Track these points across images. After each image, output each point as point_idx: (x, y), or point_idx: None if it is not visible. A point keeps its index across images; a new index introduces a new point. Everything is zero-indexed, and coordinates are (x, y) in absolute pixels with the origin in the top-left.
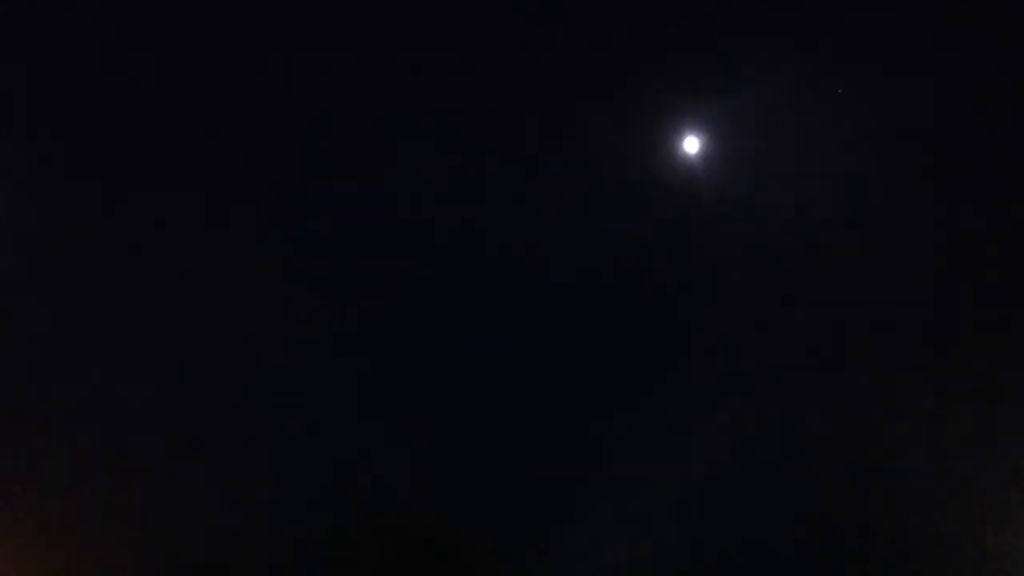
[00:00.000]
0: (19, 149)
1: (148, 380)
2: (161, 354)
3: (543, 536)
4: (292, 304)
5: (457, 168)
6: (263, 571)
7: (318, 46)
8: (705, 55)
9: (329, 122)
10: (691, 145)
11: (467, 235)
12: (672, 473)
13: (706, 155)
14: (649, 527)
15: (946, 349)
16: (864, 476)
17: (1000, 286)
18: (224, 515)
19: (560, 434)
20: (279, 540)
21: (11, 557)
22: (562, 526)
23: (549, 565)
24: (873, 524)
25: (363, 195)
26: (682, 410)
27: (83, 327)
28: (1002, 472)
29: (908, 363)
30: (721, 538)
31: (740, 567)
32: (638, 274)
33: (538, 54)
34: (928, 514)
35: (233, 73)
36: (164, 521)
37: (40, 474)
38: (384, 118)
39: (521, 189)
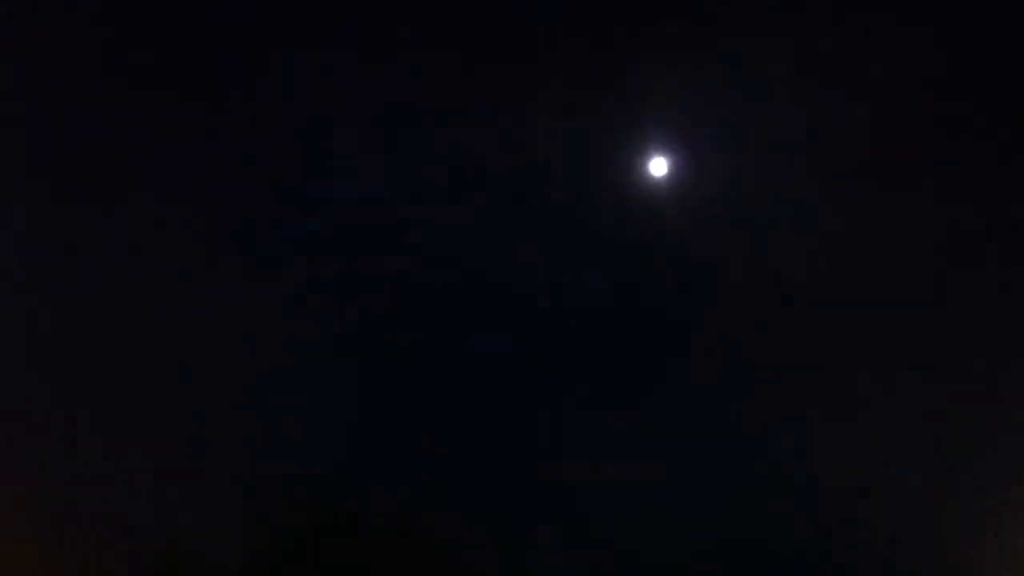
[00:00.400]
0: (19, 149)
1: (148, 380)
2: (161, 354)
3: (541, 536)
4: (292, 304)
5: (457, 168)
6: (261, 570)
7: (318, 46)
8: (701, 55)
9: (329, 122)
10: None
11: (467, 235)
12: (671, 473)
13: (707, 155)
14: (648, 527)
15: (946, 349)
16: (864, 476)
17: (1000, 286)
18: (222, 514)
19: (560, 434)
20: (279, 540)
21: (11, 557)
22: (561, 526)
23: (548, 565)
24: (873, 524)
25: (363, 195)
26: (682, 410)
27: (83, 327)
28: (1002, 472)
29: (908, 363)
30: (720, 538)
31: (739, 567)
32: (637, 274)
33: (539, 54)
34: (928, 514)
35: (233, 73)
36: (162, 521)
37: (40, 474)
38: (384, 118)
39: (521, 189)
